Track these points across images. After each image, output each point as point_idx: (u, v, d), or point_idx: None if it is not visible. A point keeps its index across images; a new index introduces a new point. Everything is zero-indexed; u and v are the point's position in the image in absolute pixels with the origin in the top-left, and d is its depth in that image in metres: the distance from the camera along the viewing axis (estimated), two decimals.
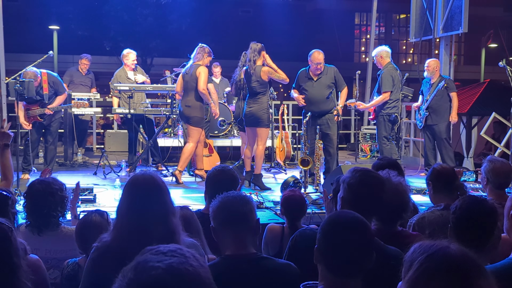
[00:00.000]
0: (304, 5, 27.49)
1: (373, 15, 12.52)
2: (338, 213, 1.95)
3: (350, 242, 1.82)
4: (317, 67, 6.65)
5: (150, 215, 2.17)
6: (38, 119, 7.07)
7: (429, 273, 1.26)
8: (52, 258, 2.97)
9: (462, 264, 1.27)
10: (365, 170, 2.49)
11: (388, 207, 2.49)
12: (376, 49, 7.58)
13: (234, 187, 3.16)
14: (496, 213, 2.34)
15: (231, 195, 2.26)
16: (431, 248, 1.32)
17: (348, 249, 1.81)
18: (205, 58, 6.83)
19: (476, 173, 6.75)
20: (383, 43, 31.02)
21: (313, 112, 6.68)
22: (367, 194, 2.36)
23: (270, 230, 3.42)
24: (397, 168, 3.32)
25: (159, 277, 1.10)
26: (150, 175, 2.28)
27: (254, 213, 2.26)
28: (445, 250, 1.30)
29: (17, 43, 17.36)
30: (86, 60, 9.24)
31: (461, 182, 3.38)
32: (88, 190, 5.63)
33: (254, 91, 6.46)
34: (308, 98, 6.74)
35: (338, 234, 1.84)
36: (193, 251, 1.20)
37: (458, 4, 8.60)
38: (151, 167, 8.07)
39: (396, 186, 2.52)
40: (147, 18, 20.14)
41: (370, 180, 2.40)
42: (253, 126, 6.51)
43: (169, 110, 7.63)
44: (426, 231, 2.92)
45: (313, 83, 6.74)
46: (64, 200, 3.08)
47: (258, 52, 6.40)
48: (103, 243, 2.21)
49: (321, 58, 6.64)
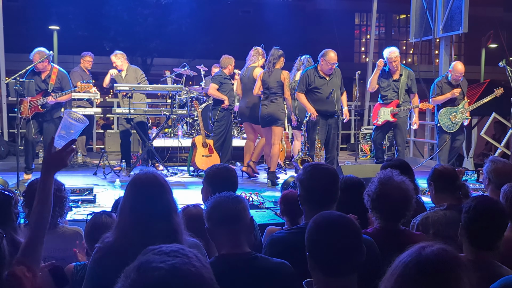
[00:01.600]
0: (304, 5, 27.49)
1: (373, 15, 12.52)
2: (320, 215, 1.94)
3: (336, 241, 1.83)
4: (331, 67, 6.65)
5: (153, 214, 2.18)
6: (39, 109, 6.88)
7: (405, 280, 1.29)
8: (50, 256, 2.95)
9: (436, 267, 1.30)
10: (315, 164, 2.56)
11: (390, 205, 2.49)
12: (392, 49, 7.42)
13: (234, 186, 3.15)
14: (507, 214, 2.35)
15: (224, 195, 2.27)
16: (407, 256, 1.35)
17: (336, 249, 1.82)
18: (260, 59, 7.21)
19: (477, 172, 6.72)
20: (383, 43, 31.15)
21: (325, 112, 6.66)
22: (318, 187, 2.44)
23: (269, 232, 3.41)
24: (407, 169, 3.36)
25: (162, 278, 1.10)
26: (152, 174, 2.29)
27: (247, 212, 2.27)
28: (418, 255, 1.34)
29: (17, 43, 17.32)
30: (89, 57, 9.07)
31: (462, 181, 3.38)
32: (88, 190, 5.62)
33: (272, 91, 6.76)
34: (322, 98, 6.67)
35: (323, 236, 1.85)
36: (195, 251, 1.20)
37: (458, 4, 8.60)
38: (151, 167, 8.07)
39: (398, 185, 2.52)
40: (147, 18, 20.16)
41: (319, 173, 2.47)
42: (270, 125, 6.79)
43: (169, 110, 7.62)
44: (430, 231, 2.93)
45: (326, 82, 6.71)
46: (62, 200, 3.07)
47: (278, 57, 6.79)
48: (106, 243, 2.21)
49: (336, 59, 6.69)
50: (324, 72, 6.69)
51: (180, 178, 7.36)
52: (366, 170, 5.30)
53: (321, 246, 1.84)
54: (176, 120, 9.29)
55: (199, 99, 9.22)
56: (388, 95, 7.36)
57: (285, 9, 22.59)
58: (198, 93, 9.43)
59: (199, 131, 8.01)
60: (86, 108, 8.79)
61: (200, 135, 7.71)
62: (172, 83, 9.66)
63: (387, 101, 7.35)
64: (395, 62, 7.23)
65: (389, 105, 7.31)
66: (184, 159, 8.64)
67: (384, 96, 7.42)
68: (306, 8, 27.70)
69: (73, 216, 4.81)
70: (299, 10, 26.63)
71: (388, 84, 7.35)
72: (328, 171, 2.51)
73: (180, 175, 7.55)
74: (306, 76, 6.78)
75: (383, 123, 7.38)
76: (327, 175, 2.48)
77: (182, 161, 8.63)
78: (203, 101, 9.32)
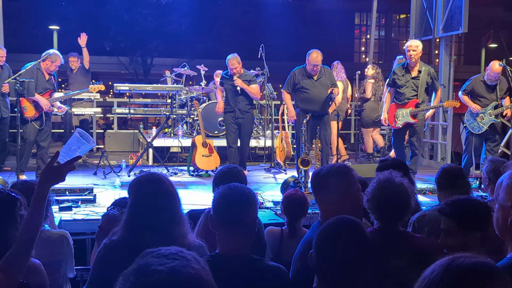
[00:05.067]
0: (304, 5, 27.48)
1: (373, 15, 12.51)
2: (333, 221, 1.94)
3: (340, 252, 1.83)
4: (313, 68, 6.63)
5: (160, 212, 2.19)
6: (49, 109, 6.88)
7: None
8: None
9: (474, 275, 1.26)
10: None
11: (387, 207, 2.49)
12: (416, 40, 6.87)
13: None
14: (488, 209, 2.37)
15: (234, 193, 2.13)
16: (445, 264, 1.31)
17: (338, 259, 1.82)
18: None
19: (479, 179, 6.46)
20: (383, 43, 31.15)
21: (314, 112, 6.66)
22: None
23: (269, 233, 3.41)
24: (403, 169, 3.35)
25: (162, 281, 1.10)
26: (158, 174, 2.31)
27: (255, 212, 2.17)
28: (458, 262, 1.29)
29: (17, 43, 17.34)
30: (73, 57, 9.02)
31: (467, 181, 3.39)
32: (88, 190, 5.63)
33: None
34: (309, 97, 6.70)
35: (329, 244, 1.86)
36: (194, 254, 1.20)
37: (458, 4, 8.60)
38: (152, 167, 8.07)
39: (396, 186, 2.52)
40: (147, 18, 20.15)
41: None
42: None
43: (169, 110, 7.62)
44: (425, 228, 2.94)
45: (313, 82, 6.70)
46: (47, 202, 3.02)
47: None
48: (112, 241, 2.22)
49: (319, 60, 6.61)
50: (310, 71, 6.69)
51: (180, 178, 7.36)
52: (366, 170, 5.30)
53: (322, 252, 1.85)
54: (176, 120, 9.29)
55: (199, 99, 9.22)
56: (406, 94, 6.64)
57: (285, 9, 22.59)
58: (198, 93, 9.43)
59: (199, 131, 8.01)
60: (86, 108, 8.80)
61: (200, 135, 7.71)
62: (172, 83, 9.65)
63: (405, 100, 6.66)
64: (414, 52, 6.52)
65: (407, 105, 6.62)
66: (184, 159, 8.64)
67: (401, 95, 6.69)
68: (306, 8, 27.70)
69: (73, 216, 4.82)
70: (299, 10, 26.63)
71: (406, 81, 6.65)
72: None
73: (180, 175, 7.55)
74: (294, 75, 6.79)
75: (404, 125, 6.72)
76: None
77: (182, 161, 8.64)
78: (203, 101, 9.32)
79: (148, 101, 11.85)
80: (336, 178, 2.47)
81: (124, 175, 7.01)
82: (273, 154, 8.55)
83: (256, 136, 9.26)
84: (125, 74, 23.02)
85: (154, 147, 7.74)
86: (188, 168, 7.69)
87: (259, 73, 9.10)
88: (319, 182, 2.52)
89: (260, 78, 9.31)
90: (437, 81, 6.87)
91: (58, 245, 2.96)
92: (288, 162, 8.71)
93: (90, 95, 8.81)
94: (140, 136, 8.36)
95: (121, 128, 10.94)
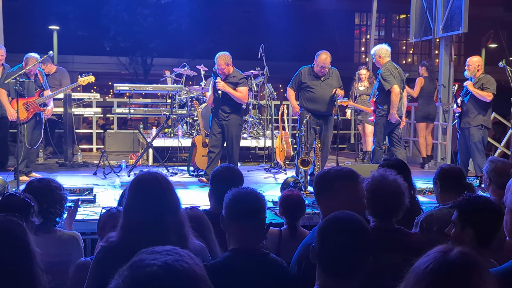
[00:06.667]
0: (304, 5, 27.49)
1: (373, 15, 12.52)
2: (335, 214, 1.96)
3: (342, 243, 1.85)
4: (321, 69, 6.62)
5: (157, 214, 2.19)
6: (40, 108, 6.86)
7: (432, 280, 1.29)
8: (46, 261, 2.92)
9: (461, 268, 1.29)
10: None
11: (381, 203, 2.52)
12: (374, 48, 7.09)
13: (239, 185, 3.14)
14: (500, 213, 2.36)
15: (245, 191, 2.34)
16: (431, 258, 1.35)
17: (340, 250, 1.84)
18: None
19: (479, 178, 6.49)
20: (383, 43, 31.09)
21: (316, 112, 6.66)
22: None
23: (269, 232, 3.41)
24: (404, 169, 3.36)
25: (154, 273, 1.11)
26: (155, 174, 2.30)
27: (265, 211, 2.32)
28: (444, 257, 1.32)
29: (17, 43, 17.32)
30: (49, 63, 8.48)
31: (469, 182, 3.39)
32: (88, 190, 5.62)
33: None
34: (314, 97, 6.67)
35: (331, 235, 1.88)
36: (188, 251, 1.22)
37: (458, 4, 8.60)
38: (152, 167, 8.07)
39: (389, 183, 2.56)
40: (147, 18, 20.16)
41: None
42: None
43: (169, 110, 7.62)
44: (434, 228, 2.94)
45: (320, 82, 6.69)
46: (62, 200, 3.06)
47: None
48: (110, 243, 2.21)
49: (328, 62, 6.60)
50: (316, 72, 6.69)
51: (180, 178, 7.36)
52: (366, 170, 5.29)
53: (325, 242, 1.87)
54: (176, 120, 9.29)
55: (199, 99, 9.22)
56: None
57: (285, 9, 22.61)
58: (198, 93, 9.43)
59: (199, 131, 8.00)
60: (86, 108, 8.80)
61: (200, 135, 7.71)
62: (172, 83, 9.65)
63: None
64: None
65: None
66: (184, 159, 8.64)
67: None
68: (306, 8, 27.72)
69: None
70: (299, 10, 26.65)
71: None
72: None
73: (180, 175, 7.54)
74: (300, 74, 6.78)
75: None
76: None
77: (182, 161, 8.64)
78: (203, 101, 9.32)
79: (148, 101, 11.84)
80: (343, 183, 2.44)
81: (124, 175, 7.00)
82: (273, 154, 8.55)
83: (256, 136, 9.26)
84: (125, 74, 23.02)
85: (154, 147, 7.73)
86: (188, 168, 7.69)
87: (259, 73, 9.10)
88: (325, 185, 2.49)
89: (260, 78, 9.31)
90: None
91: (68, 245, 2.98)
92: (288, 162, 8.71)
93: (90, 95, 8.83)
94: (140, 136, 8.36)
95: (121, 128, 10.92)
